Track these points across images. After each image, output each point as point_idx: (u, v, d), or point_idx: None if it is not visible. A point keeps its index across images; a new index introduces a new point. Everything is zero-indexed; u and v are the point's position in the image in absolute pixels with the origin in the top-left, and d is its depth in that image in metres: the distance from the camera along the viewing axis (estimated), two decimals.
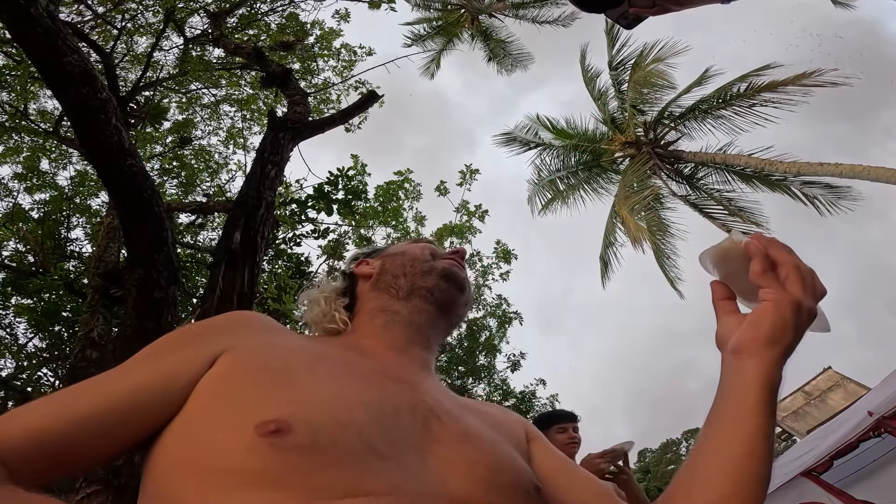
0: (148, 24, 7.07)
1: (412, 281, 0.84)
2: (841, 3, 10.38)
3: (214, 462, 0.52)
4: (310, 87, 7.74)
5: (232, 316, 0.75)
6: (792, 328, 0.62)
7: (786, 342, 0.62)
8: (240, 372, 0.61)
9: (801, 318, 0.62)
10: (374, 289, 0.87)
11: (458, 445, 0.63)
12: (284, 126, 3.97)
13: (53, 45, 2.57)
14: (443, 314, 0.85)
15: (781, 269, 0.63)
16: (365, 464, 0.54)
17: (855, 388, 20.05)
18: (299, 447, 0.52)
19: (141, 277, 2.93)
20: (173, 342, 0.67)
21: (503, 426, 0.78)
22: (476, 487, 0.59)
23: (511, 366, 10.06)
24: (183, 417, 0.58)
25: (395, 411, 0.63)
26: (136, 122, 6.66)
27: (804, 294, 0.62)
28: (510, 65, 15.71)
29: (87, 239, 7.37)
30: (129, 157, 2.88)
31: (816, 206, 10.91)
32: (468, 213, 9.47)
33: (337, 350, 0.75)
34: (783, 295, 0.62)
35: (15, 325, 6.98)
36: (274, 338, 0.71)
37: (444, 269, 0.86)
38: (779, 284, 0.62)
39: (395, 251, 0.92)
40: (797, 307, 0.61)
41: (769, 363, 0.62)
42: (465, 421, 0.69)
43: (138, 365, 0.63)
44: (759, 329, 0.62)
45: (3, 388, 6.28)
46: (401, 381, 0.70)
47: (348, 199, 5.36)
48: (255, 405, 0.56)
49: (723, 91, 11.42)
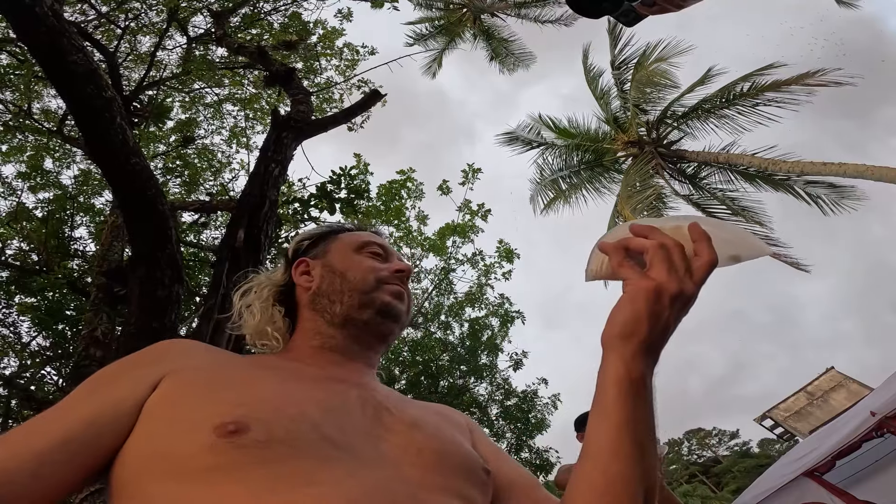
0: (151, 23, 7.08)
1: (347, 312, 0.81)
2: (845, 3, 10.35)
3: (177, 464, 0.54)
4: (312, 86, 7.75)
5: (167, 344, 0.75)
6: (647, 319, 0.59)
7: (641, 335, 0.59)
8: (186, 386, 0.63)
9: (661, 304, 0.59)
10: (310, 307, 0.84)
11: (408, 433, 0.66)
12: (288, 125, 3.97)
13: (58, 44, 2.57)
14: (379, 342, 0.84)
15: (646, 255, 0.62)
16: (321, 453, 0.56)
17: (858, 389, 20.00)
18: (257, 443, 0.54)
19: (145, 276, 2.94)
20: (111, 374, 0.67)
21: (447, 417, 0.81)
22: (427, 471, 0.62)
23: (513, 365, 10.06)
24: (136, 435, 0.60)
25: (344, 405, 0.66)
26: (140, 122, 6.67)
27: (669, 277, 0.59)
28: (512, 64, 15.71)
29: (91, 237, 7.38)
30: (133, 155, 2.89)
31: (820, 205, 10.88)
32: (471, 212, 9.48)
33: (277, 362, 0.78)
34: (639, 284, 0.60)
35: (18, 324, 7.00)
36: (213, 356, 0.73)
37: (382, 304, 0.82)
38: (637, 273, 0.61)
39: (337, 265, 0.86)
40: (656, 295, 0.59)
41: (626, 358, 0.60)
42: (413, 411, 0.73)
43: (83, 398, 0.63)
44: (613, 324, 0.61)
45: (7, 386, 6.30)
46: (346, 382, 0.73)
47: (351, 198, 5.36)
48: (208, 410, 0.58)
49: (726, 90, 11.40)
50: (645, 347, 0.60)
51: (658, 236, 0.62)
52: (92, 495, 2.59)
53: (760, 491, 5.50)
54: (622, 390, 0.60)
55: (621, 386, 0.60)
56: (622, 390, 0.60)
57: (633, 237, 0.64)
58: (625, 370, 0.60)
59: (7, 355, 7.03)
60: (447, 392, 9.13)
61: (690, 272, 0.61)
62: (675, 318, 0.61)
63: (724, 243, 0.64)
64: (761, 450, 34.69)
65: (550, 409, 9.75)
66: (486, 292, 10.52)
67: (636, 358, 0.60)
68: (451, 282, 10.60)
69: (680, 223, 0.65)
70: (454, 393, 9.10)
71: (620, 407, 0.59)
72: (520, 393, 9.89)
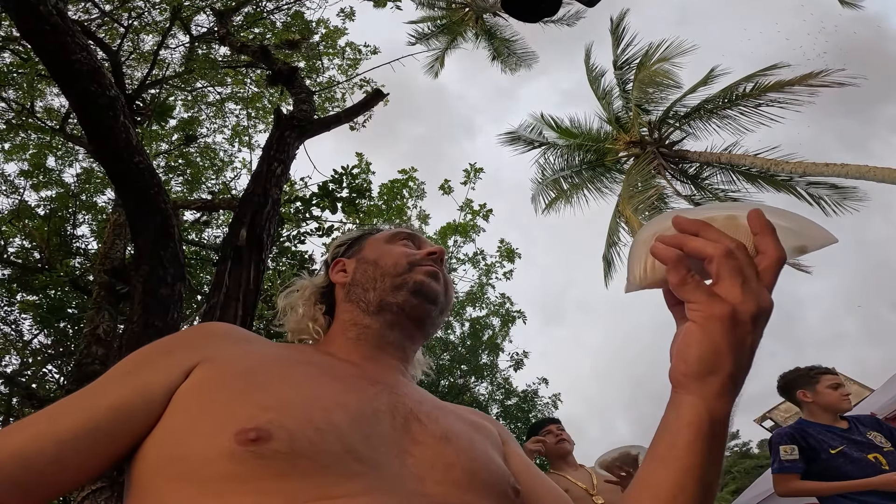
0: (154, 22, 7.10)
1: (381, 297, 0.80)
2: (848, 3, 10.33)
3: (194, 469, 0.53)
4: (315, 85, 7.76)
5: (203, 328, 0.74)
6: (729, 352, 0.49)
7: (725, 371, 0.50)
8: (216, 380, 0.61)
9: (742, 330, 0.49)
10: (346, 299, 0.84)
11: (437, 446, 0.63)
12: (290, 124, 3.98)
13: (62, 43, 2.58)
14: (416, 327, 0.82)
15: (709, 265, 0.50)
16: (343, 467, 0.54)
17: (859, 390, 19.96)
18: (278, 454, 0.52)
19: (147, 274, 2.94)
20: (145, 357, 0.66)
21: (482, 428, 0.77)
22: (454, 488, 0.59)
23: (514, 364, 10.07)
24: (162, 427, 0.58)
25: (374, 413, 0.63)
26: (142, 120, 6.69)
27: (745, 296, 0.49)
28: (514, 64, 15.69)
29: (93, 236, 7.40)
30: (136, 154, 2.89)
31: (822, 206, 10.87)
32: (472, 212, 9.48)
33: (312, 355, 0.76)
34: (711, 310, 0.49)
35: (20, 322, 7.02)
36: (248, 346, 0.71)
37: (415, 283, 0.81)
38: (705, 294, 0.50)
39: (370, 256, 0.87)
40: (733, 321, 0.49)
41: (708, 399, 0.51)
42: (445, 422, 0.69)
43: (113, 381, 0.62)
44: (686, 362, 0.52)
45: (9, 384, 6.31)
46: (379, 384, 0.69)
47: (352, 197, 5.37)
48: (233, 412, 0.56)
49: (729, 91, 11.39)
50: (730, 384, 0.51)
51: (717, 237, 0.51)
52: (93, 493, 2.60)
53: (760, 492, 5.49)
54: (701, 434, 0.52)
55: (700, 429, 0.52)
56: (701, 434, 0.52)
57: (691, 238, 0.52)
58: (706, 412, 0.52)
59: (9, 353, 7.05)
60: (448, 391, 9.14)
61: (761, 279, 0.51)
62: (758, 339, 0.51)
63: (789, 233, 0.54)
64: (761, 451, 34.68)
65: (551, 409, 9.77)
66: (486, 292, 10.54)
67: (721, 397, 0.51)
68: (452, 281, 10.60)
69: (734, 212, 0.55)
70: (455, 392, 9.11)
71: (695, 451, 0.52)
72: (520, 393, 9.90)
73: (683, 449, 0.52)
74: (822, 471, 2.48)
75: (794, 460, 2.51)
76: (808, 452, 2.51)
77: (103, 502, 2.54)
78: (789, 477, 2.55)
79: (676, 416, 0.53)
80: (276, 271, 6.08)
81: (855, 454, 2.46)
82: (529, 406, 9.68)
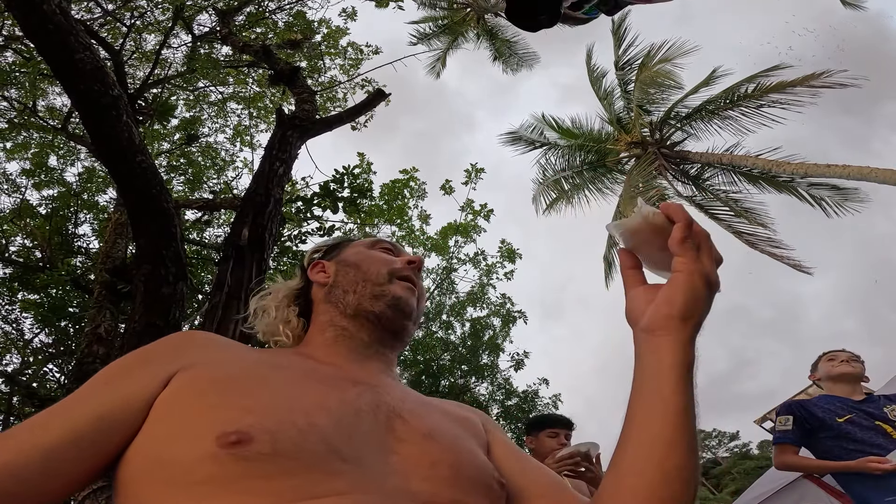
0: (157, 21, 7.10)
1: (359, 301, 0.82)
2: (850, 4, 10.33)
3: (179, 473, 0.53)
4: (316, 85, 7.76)
5: (183, 336, 0.74)
6: (704, 301, 0.60)
7: (698, 317, 0.60)
8: (196, 387, 0.62)
9: (712, 291, 0.61)
10: (326, 300, 0.85)
11: (421, 444, 0.63)
12: (292, 124, 3.98)
13: (65, 42, 2.58)
14: (391, 337, 0.83)
15: (696, 238, 0.62)
16: (327, 466, 0.54)
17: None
18: (261, 455, 0.52)
19: (149, 273, 2.95)
20: (123, 368, 0.66)
21: (466, 422, 0.78)
22: (439, 485, 0.59)
23: (514, 364, 10.06)
24: (144, 434, 0.59)
25: (356, 412, 0.63)
26: (144, 119, 6.69)
27: (712, 267, 0.61)
28: (516, 64, 15.67)
29: (95, 235, 7.40)
30: (138, 153, 2.90)
31: (823, 207, 10.87)
32: (473, 212, 9.48)
33: (292, 359, 0.76)
34: (696, 266, 0.60)
35: (21, 321, 7.02)
36: (227, 353, 0.71)
37: (394, 297, 0.82)
38: (694, 255, 0.61)
39: (351, 260, 0.88)
40: (708, 280, 0.60)
41: (684, 340, 0.59)
42: (430, 419, 0.69)
43: (94, 391, 0.63)
44: (673, 305, 0.60)
45: (9, 383, 6.32)
46: (361, 384, 0.70)
47: (354, 197, 5.37)
48: (214, 416, 0.56)
49: (730, 91, 11.38)
50: (698, 329, 0.60)
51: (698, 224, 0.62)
52: (94, 493, 2.60)
53: (760, 493, 5.48)
54: (682, 375, 0.58)
55: (681, 370, 0.58)
56: (682, 375, 0.58)
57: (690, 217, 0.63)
58: (683, 354, 0.59)
59: (9, 352, 7.06)
60: (448, 391, 9.14)
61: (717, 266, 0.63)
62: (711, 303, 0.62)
63: None
64: (761, 451, 34.63)
65: (551, 409, 9.76)
66: (487, 292, 10.53)
67: (693, 340, 0.60)
68: (452, 281, 10.60)
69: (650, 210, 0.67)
70: (455, 392, 9.11)
71: (680, 393, 0.57)
72: (521, 393, 9.89)
73: (670, 392, 0.58)
74: (834, 437, 2.57)
75: (786, 431, 2.64)
76: (811, 422, 2.62)
77: (104, 501, 2.54)
78: (784, 447, 2.67)
79: (657, 359, 0.60)
80: (278, 271, 6.08)
81: (864, 422, 2.55)
82: (530, 406, 9.67)
